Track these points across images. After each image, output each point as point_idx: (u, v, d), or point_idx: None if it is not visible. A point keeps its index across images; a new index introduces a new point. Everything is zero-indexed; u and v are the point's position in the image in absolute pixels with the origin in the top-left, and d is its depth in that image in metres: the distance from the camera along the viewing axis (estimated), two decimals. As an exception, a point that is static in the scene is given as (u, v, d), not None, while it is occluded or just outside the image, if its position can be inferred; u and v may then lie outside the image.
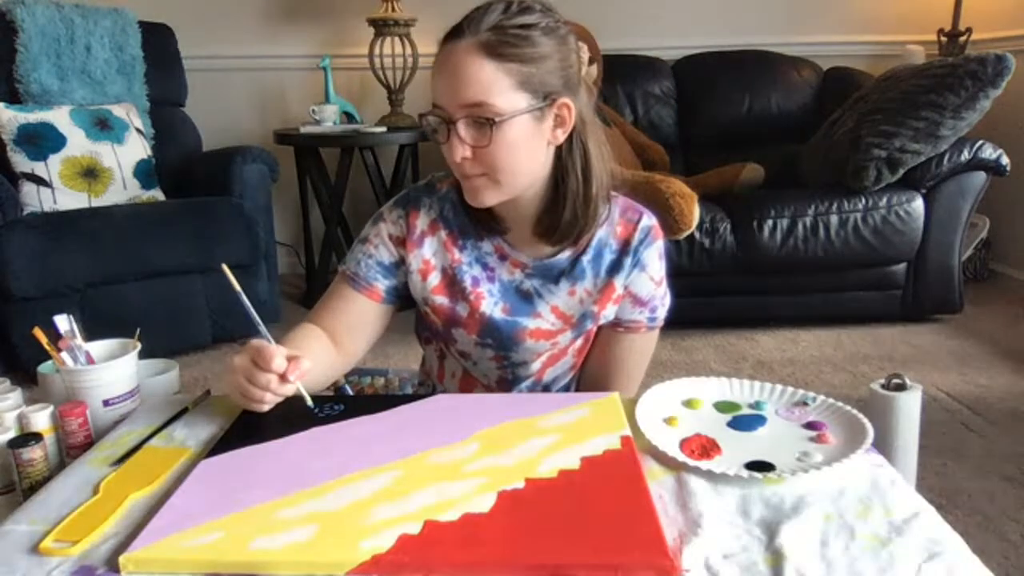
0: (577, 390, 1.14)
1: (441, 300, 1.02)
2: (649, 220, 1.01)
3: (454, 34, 0.86)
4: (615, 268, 1.00)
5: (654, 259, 1.02)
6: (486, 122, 0.85)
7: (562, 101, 0.89)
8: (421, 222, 1.01)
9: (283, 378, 0.83)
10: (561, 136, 0.92)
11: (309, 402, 0.87)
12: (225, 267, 0.90)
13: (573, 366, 1.11)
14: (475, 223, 1.00)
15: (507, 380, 1.08)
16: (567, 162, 0.94)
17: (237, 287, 0.88)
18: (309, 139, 2.88)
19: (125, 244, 2.26)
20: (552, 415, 0.84)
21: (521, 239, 1.00)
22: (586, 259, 1.00)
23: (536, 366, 1.06)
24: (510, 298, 1.01)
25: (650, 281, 1.02)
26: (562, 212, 0.94)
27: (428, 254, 1.01)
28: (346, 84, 3.31)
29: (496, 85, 0.84)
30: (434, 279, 1.01)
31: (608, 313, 1.02)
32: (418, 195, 1.03)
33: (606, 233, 1.00)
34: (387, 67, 3.05)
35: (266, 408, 0.84)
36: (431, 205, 1.02)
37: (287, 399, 0.86)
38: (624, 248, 1.00)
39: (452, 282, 1.01)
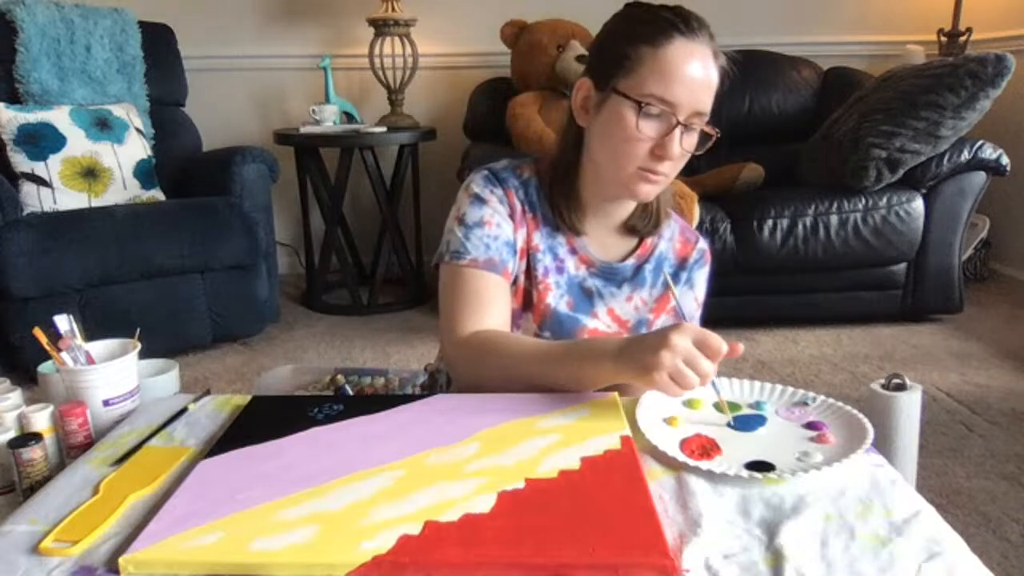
0: None
1: (524, 282, 1.01)
2: (704, 244, 1.06)
3: (690, 32, 0.86)
4: (672, 280, 1.02)
5: (702, 281, 1.06)
6: (703, 134, 0.88)
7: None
8: (517, 202, 1.00)
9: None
10: None
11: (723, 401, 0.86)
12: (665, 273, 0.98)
13: None
14: (555, 215, 0.99)
15: None
16: None
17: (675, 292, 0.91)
18: (309, 139, 2.88)
19: (125, 244, 2.25)
20: (552, 415, 0.84)
21: (595, 238, 1.01)
22: (648, 268, 1.02)
23: None
24: (574, 293, 1.02)
25: (694, 301, 1.05)
26: (655, 206, 0.99)
27: (523, 235, 1.00)
28: (346, 84, 3.31)
29: (714, 97, 0.89)
30: (522, 261, 1.01)
31: (660, 323, 1.04)
32: (505, 176, 1.01)
33: (667, 247, 1.04)
34: (387, 67, 3.05)
35: (682, 395, 0.81)
36: (518, 188, 1.01)
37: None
38: (682, 264, 1.04)
39: (529, 267, 1.01)
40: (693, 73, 0.85)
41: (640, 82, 0.86)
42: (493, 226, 0.96)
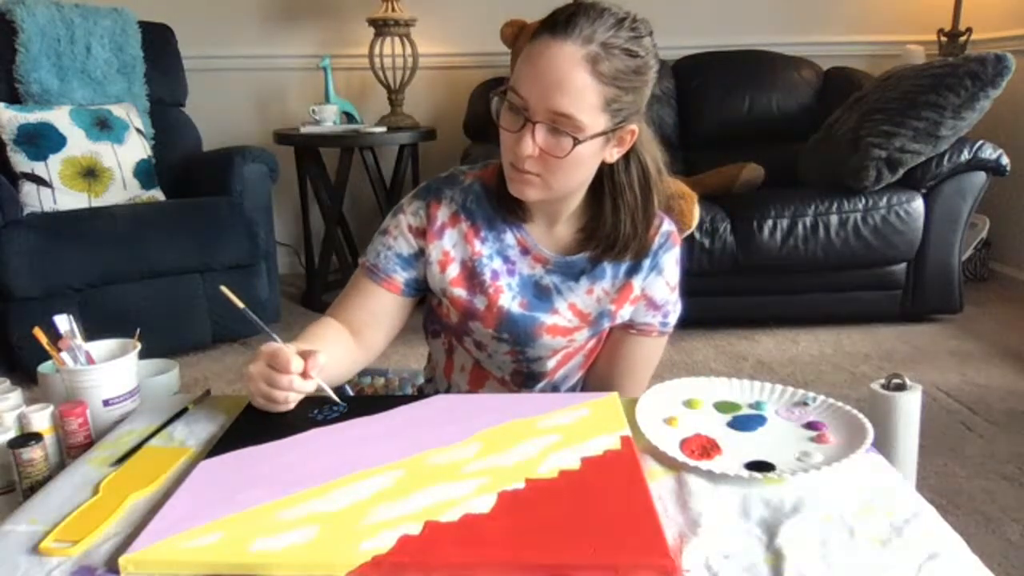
0: (583, 390, 1.14)
1: (459, 292, 1.01)
2: (669, 226, 1.03)
3: (558, 31, 0.83)
4: (634, 269, 1.01)
5: (671, 264, 1.03)
6: (567, 135, 0.84)
7: (631, 128, 0.90)
8: (442, 214, 1.01)
9: (303, 375, 0.84)
10: (616, 155, 0.93)
11: (334, 398, 0.88)
12: (224, 288, 0.91)
13: (582, 365, 1.11)
14: (501, 207, 1.00)
15: (522, 373, 1.08)
16: (622, 178, 0.95)
17: (240, 304, 0.89)
18: (309, 139, 2.88)
19: (125, 244, 2.26)
20: (552, 415, 0.84)
21: (546, 234, 1.01)
22: (607, 259, 1.01)
23: (552, 363, 1.06)
24: (528, 293, 1.01)
25: (665, 286, 1.03)
26: (621, 227, 0.96)
27: (448, 246, 1.01)
28: (346, 84, 3.31)
29: (587, 102, 0.84)
30: (453, 271, 1.01)
31: (624, 313, 1.03)
32: (439, 186, 1.02)
33: None
34: (387, 67, 3.05)
35: (291, 407, 0.86)
36: (453, 197, 1.01)
37: (304, 398, 0.87)
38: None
39: (471, 275, 1.01)
40: (543, 71, 0.83)
41: (513, 77, 0.88)
42: (391, 238, 1.03)
